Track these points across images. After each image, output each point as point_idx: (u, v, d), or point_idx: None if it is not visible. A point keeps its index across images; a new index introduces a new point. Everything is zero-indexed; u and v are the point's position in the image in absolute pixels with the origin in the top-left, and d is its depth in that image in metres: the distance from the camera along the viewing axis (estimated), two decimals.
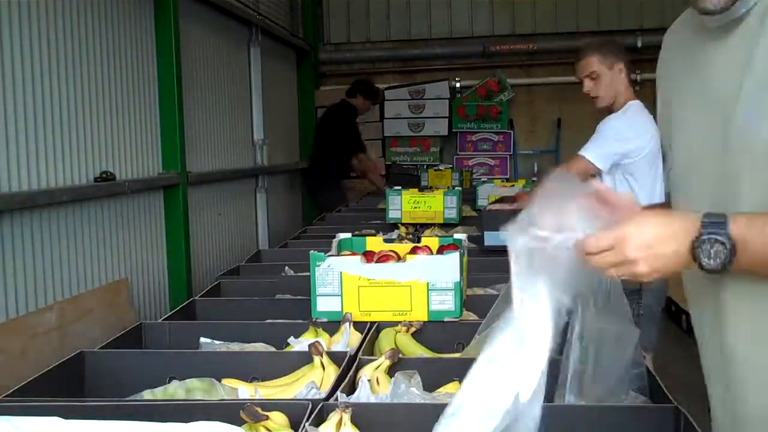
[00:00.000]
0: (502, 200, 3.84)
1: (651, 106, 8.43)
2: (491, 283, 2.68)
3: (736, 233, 1.17)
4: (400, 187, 4.22)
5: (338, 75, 8.87)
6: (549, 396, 1.32)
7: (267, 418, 1.41)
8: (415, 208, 4.05)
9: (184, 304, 2.51)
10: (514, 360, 1.14)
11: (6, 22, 3.33)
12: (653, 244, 1.20)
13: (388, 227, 3.98)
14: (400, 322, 2.12)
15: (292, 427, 1.45)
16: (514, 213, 1.26)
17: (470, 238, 3.39)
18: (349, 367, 1.75)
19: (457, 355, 1.98)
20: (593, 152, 3.44)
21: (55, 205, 3.63)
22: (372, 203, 5.63)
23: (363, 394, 1.62)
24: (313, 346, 1.77)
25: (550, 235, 1.20)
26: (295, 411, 1.47)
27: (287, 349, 2.03)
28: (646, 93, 9.07)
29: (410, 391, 1.64)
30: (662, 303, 3.44)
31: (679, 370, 3.37)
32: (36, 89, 3.53)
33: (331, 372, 1.74)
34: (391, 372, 1.74)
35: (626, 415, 1.46)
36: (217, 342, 2.10)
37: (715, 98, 1.29)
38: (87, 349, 1.96)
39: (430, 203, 4.04)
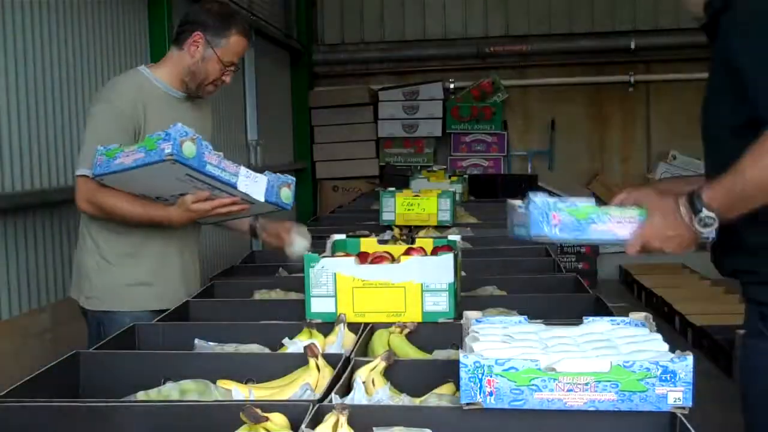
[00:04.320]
0: None
1: (644, 107, 8.42)
2: (485, 284, 2.69)
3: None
4: (393, 189, 4.22)
5: (332, 76, 8.87)
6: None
7: (267, 419, 1.41)
8: (409, 210, 4.04)
9: (178, 305, 2.51)
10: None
11: None
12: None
13: (382, 229, 3.98)
14: (394, 323, 2.13)
15: (292, 429, 1.45)
16: None
17: (464, 239, 3.40)
18: (343, 368, 1.75)
19: (452, 355, 1.98)
20: None
21: (48, 206, 3.63)
22: (366, 204, 5.63)
23: (358, 396, 1.62)
24: (309, 348, 1.77)
25: None
26: (295, 412, 1.47)
27: (282, 351, 2.03)
28: (639, 93, 9.13)
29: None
30: None
31: None
32: (29, 90, 3.52)
33: (326, 374, 1.74)
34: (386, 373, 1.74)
35: (622, 420, 1.46)
36: (211, 343, 2.10)
37: None
38: (81, 350, 1.95)
39: (423, 205, 4.03)
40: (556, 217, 1.76)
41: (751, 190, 1.65)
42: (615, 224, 1.76)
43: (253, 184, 2.33)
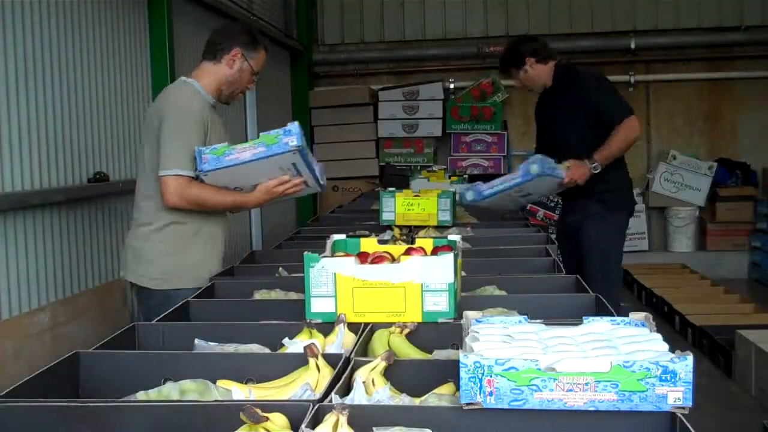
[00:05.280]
0: None
1: (644, 107, 8.40)
2: (485, 284, 2.69)
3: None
4: (393, 189, 4.21)
5: (332, 76, 8.87)
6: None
7: (267, 419, 1.41)
8: (409, 210, 4.04)
9: (178, 305, 2.50)
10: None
11: None
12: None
13: (382, 229, 3.98)
14: (394, 323, 2.13)
15: (292, 429, 1.45)
16: None
17: (464, 239, 3.40)
18: (343, 368, 1.75)
19: (452, 355, 1.98)
20: None
21: (48, 206, 3.63)
22: (366, 204, 5.63)
23: (358, 396, 1.62)
24: (309, 348, 1.77)
25: None
26: (295, 412, 1.47)
27: (282, 351, 2.03)
28: (639, 93, 9.12)
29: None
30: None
31: None
32: (29, 90, 3.52)
33: (327, 374, 1.74)
34: (386, 373, 1.74)
35: (622, 420, 1.46)
36: (211, 343, 2.10)
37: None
38: (81, 350, 1.95)
39: (423, 205, 4.03)
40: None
41: (614, 153, 4.07)
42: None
43: (320, 170, 3.02)
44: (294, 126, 2.78)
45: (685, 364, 1.43)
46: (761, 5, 8.26)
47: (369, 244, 2.44)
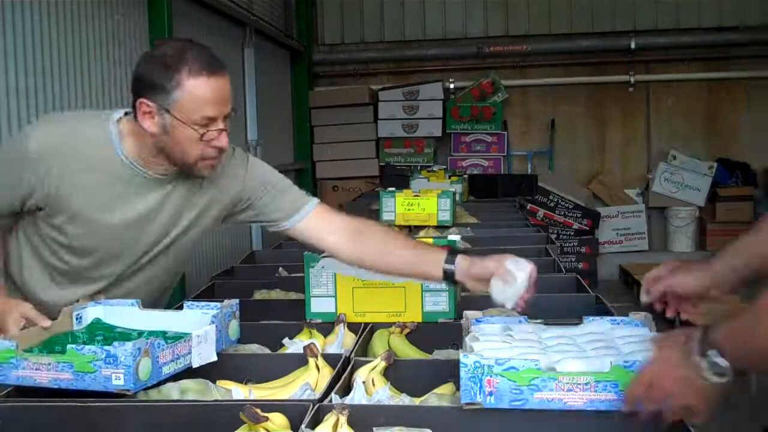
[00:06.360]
0: None
1: (644, 107, 8.38)
2: None
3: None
4: (393, 189, 4.21)
5: (332, 76, 8.87)
6: None
7: (267, 419, 1.41)
8: (409, 210, 4.04)
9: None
10: None
11: None
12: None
13: None
14: (394, 323, 2.13)
15: (292, 429, 1.45)
16: None
17: (464, 239, 3.40)
18: (343, 368, 1.75)
19: (452, 355, 1.98)
20: None
21: None
22: (366, 204, 5.62)
23: (358, 396, 1.62)
24: (308, 348, 1.77)
25: None
26: (295, 412, 1.47)
27: (282, 351, 2.03)
28: (639, 93, 9.10)
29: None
30: None
31: None
32: (29, 91, 3.52)
33: (326, 374, 1.74)
34: (386, 373, 1.74)
35: (622, 420, 1.46)
36: None
37: None
38: None
39: (423, 205, 4.03)
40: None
41: None
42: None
43: (205, 347, 1.81)
44: (124, 350, 1.58)
45: None
46: (761, 5, 8.26)
47: None
